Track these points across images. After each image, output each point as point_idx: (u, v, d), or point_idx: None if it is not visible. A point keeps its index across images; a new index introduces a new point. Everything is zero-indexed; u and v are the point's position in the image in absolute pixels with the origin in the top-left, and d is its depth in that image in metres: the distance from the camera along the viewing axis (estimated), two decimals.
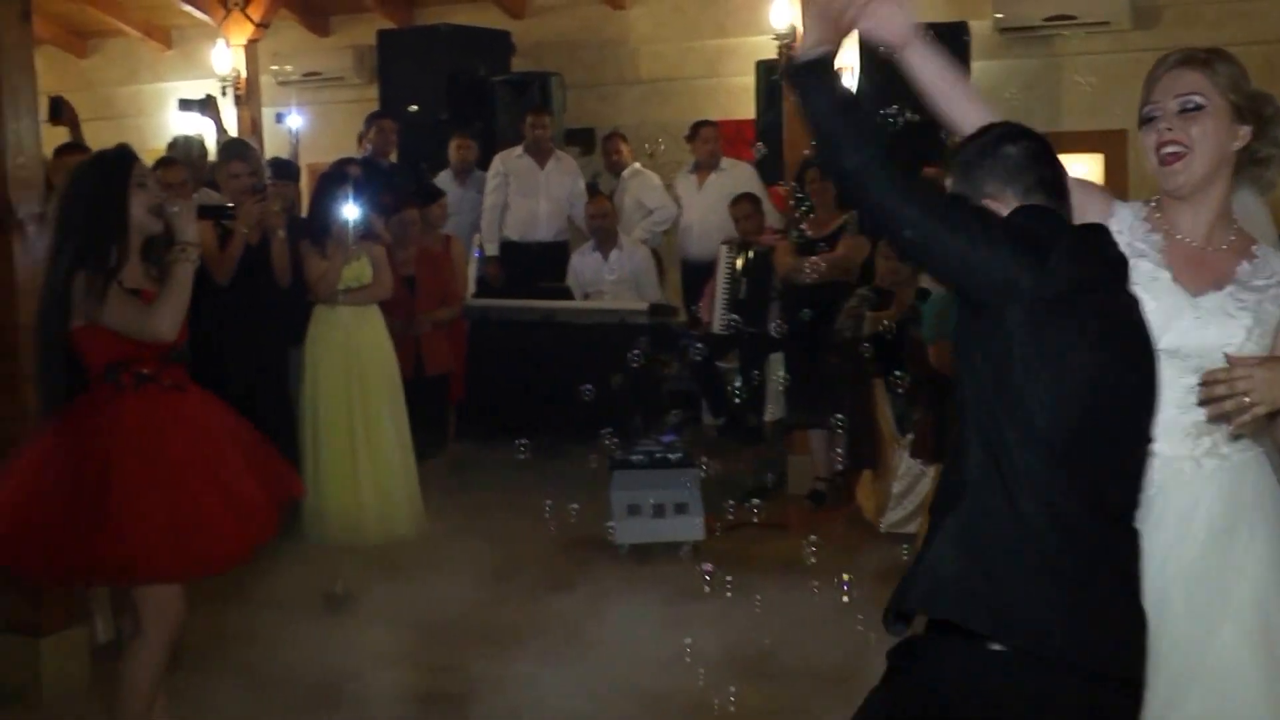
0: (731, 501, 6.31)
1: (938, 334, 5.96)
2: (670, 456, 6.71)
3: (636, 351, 6.96)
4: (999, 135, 2.52)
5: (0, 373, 4.66)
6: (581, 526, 6.84)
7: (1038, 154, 2.50)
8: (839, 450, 7.32)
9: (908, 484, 6.47)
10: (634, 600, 5.85)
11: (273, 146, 10.14)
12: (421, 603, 5.90)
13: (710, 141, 9.37)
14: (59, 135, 8.23)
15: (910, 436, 6.38)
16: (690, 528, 6.58)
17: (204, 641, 5.30)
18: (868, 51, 9.09)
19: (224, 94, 10.13)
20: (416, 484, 7.05)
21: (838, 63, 2.59)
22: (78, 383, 3.82)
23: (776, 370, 8.02)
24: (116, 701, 3.89)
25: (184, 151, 7.79)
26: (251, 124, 10.25)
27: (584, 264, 9.05)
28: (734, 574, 5.99)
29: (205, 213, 3.86)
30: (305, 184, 8.67)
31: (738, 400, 8.26)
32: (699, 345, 7.91)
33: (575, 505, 6.06)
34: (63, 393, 3.80)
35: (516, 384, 8.53)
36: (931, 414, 6.14)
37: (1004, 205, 2.45)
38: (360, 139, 9.40)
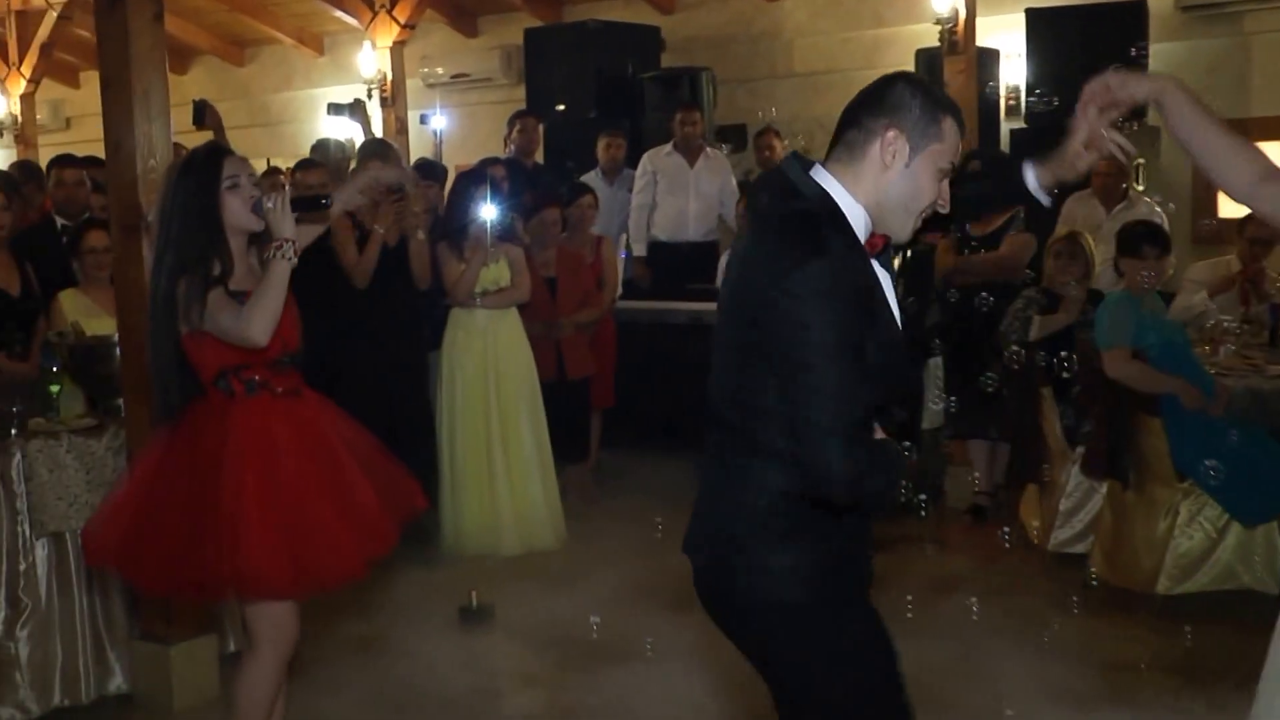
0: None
1: (1113, 339, 5.53)
2: None
3: None
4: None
5: (132, 375, 4.57)
6: None
7: None
8: (1002, 462, 6.94)
9: (1076, 501, 6.02)
10: None
11: (418, 148, 10.09)
12: (557, 617, 5.71)
13: None
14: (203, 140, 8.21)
15: (1081, 450, 5.95)
16: None
17: (333, 654, 5.19)
18: (1035, 37, 8.79)
19: (369, 96, 10.11)
20: (556, 493, 6.92)
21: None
22: (195, 390, 3.66)
23: (935, 375, 7.66)
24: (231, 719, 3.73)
25: (325, 154, 7.69)
26: (397, 125, 10.20)
27: None
28: (885, 593, 5.77)
29: (299, 205, 3.65)
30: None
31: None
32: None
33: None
34: (177, 401, 3.64)
35: (664, 389, 8.28)
36: (1105, 426, 5.70)
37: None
38: (505, 139, 9.25)
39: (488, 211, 6.67)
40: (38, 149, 11.10)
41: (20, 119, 11.69)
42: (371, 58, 10.39)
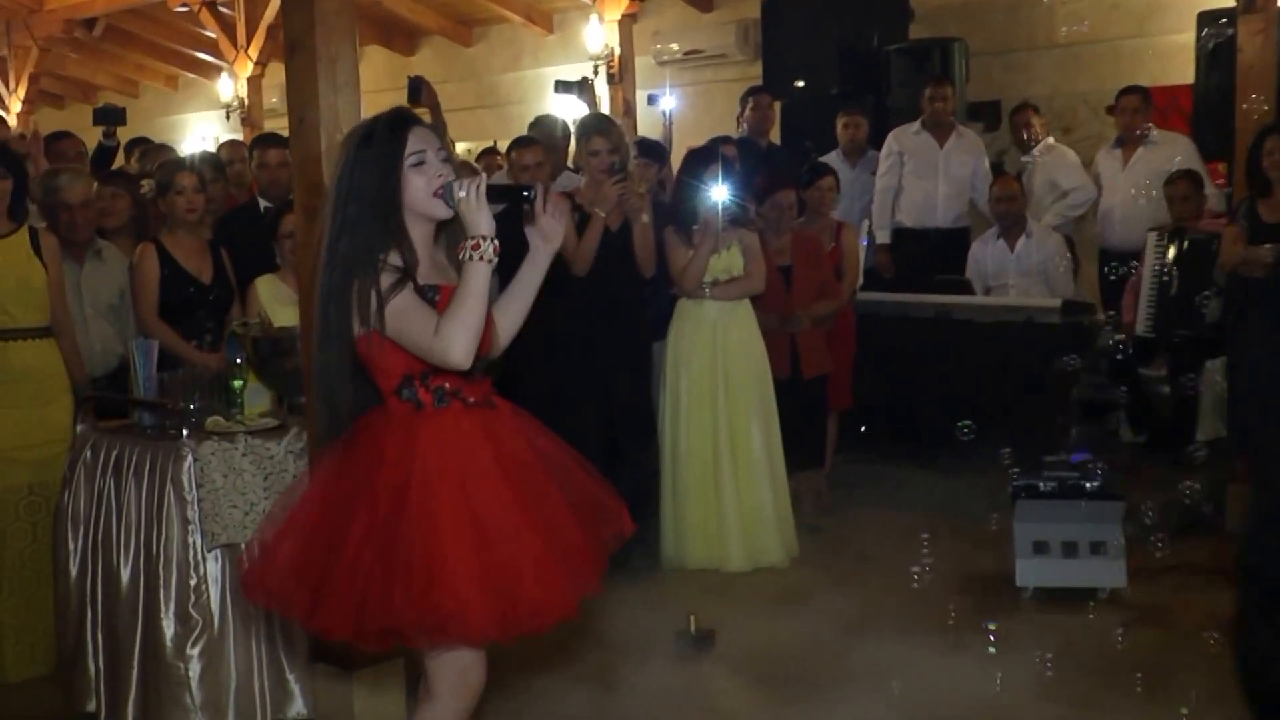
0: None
1: None
2: (1086, 485, 5.61)
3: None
4: None
5: None
6: (977, 562, 5.93)
7: None
8: None
9: None
10: (1035, 657, 4.82)
11: (646, 130, 9.61)
12: (784, 645, 5.16)
13: (1136, 112, 8.19)
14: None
15: None
16: (1108, 572, 5.50)
17: (536, 683, 4.73)
18: None
19: (596, 73, 9.66)
20: (788, 503, 6.38)
21: None
22: (371, 399, 3.13)
23: (1215, 380, 6.89)
24: None
25: (544, 131, 7.22)
26: (624, 106, 9.72)
27: (987, 254, 8.10)
28: (1159, 629, 5.15)
29: (496, 194, 3.03)
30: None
31: (1165, 414, 7.39)
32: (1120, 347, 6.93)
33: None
34: (349, 413, 3.12)
35: (907, 389, 7.62)
36: None
37: None
38: (738, 118, 8.70)
39: (718, 194, 6.15)
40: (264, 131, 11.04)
41: (247, 102, 11.68)
42: (599, 32, 9.93)
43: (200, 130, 14.92)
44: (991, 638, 4.89)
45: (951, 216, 8.61)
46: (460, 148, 10.53)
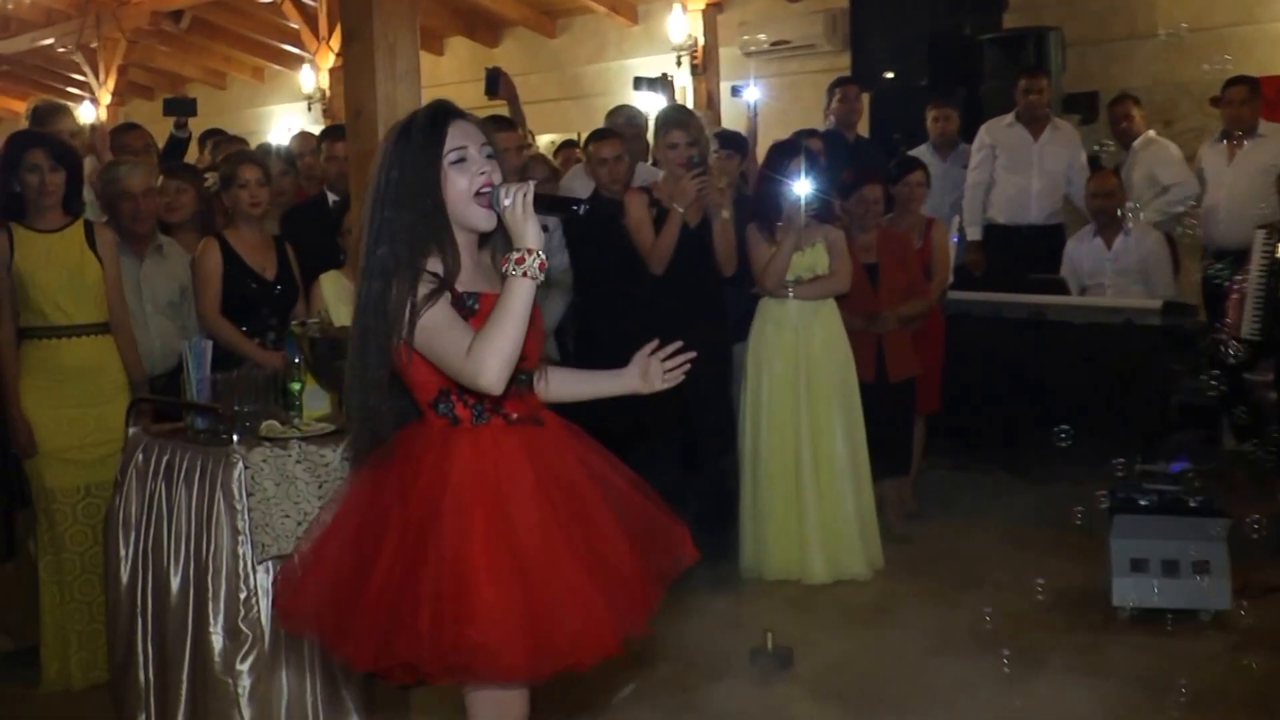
0: None
1: None
2: (1189, 500, 5.31)
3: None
4: None
5: None
6: (1070, 577, 5.66)
7: None
8: None
9: None
10: (1130, 683, 4.57)
11: (730, 123, 9.38)
12: (864, 666, 4.92)
13: (1244, 103, 7.81)
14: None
15: None
16: (1212, 592, 5.20)
17: (604, 702, 4.52)
18: None
19: (679, 65, 9.43)
20: (873, 512, 6.15)
21: None
22: (408, 413, 2.93)
23: None
24: None
25: (622, 122, 6.99)
26: (708, 98, 9.49)
27: (1082, 252, 7.78)
28: (1260, 655, 4.82)
29: (544, 205, 2.77)
30: None
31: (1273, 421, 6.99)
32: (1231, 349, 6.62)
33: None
34: (388, 428, 2.92)
35: (997, 393, 7.34)
36: None
37: None
38: (824, 110, 8.45)
39: (802, 188, 5.92)
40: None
41: (328, 93, 11.63)
42: (682, 21, 9.70)
43: (285, 122, 14.91)
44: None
45: (1046, 212, 8.32)
46: (543, 140, 10.35)
